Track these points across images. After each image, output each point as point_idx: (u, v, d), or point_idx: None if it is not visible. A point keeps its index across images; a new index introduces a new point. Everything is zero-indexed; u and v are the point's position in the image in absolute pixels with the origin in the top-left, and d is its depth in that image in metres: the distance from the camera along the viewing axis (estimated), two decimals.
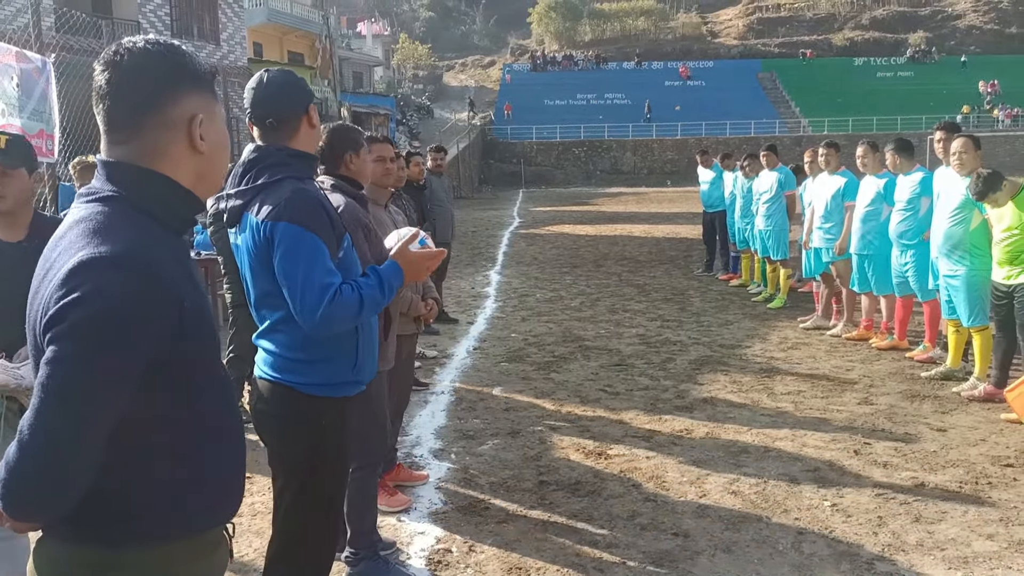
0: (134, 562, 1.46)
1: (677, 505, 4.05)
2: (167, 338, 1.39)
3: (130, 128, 1.47)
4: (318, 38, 36.62)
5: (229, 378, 1.75)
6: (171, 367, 1.43)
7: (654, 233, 18.37)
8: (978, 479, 4.31)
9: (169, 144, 1.49)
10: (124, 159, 1.48)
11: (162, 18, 24.79)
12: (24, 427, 1.33)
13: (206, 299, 1.57)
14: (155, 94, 1.47)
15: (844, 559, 3.47)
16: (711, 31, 74.52)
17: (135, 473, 1.46)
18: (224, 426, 1.60)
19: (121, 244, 1.37)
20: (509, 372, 6.70)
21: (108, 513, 1.44)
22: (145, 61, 1.47)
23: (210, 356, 1.55)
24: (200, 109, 1.52)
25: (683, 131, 45.67)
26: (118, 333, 1.33)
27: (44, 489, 1.34)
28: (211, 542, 1.60)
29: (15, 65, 6.89)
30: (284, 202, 2.36)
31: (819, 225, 7.85)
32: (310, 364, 2.52)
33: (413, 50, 71.83)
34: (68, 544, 1.46)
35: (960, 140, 5.82)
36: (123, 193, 1.45)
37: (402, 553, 3.62)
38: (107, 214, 1.43)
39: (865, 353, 7.12)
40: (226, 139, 1.61)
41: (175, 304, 1.40)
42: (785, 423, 5.27)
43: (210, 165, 1.56)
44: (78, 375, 1.32)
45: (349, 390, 2.62)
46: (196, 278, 1.55)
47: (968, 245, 5.78)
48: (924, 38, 65.64)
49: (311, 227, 2.35)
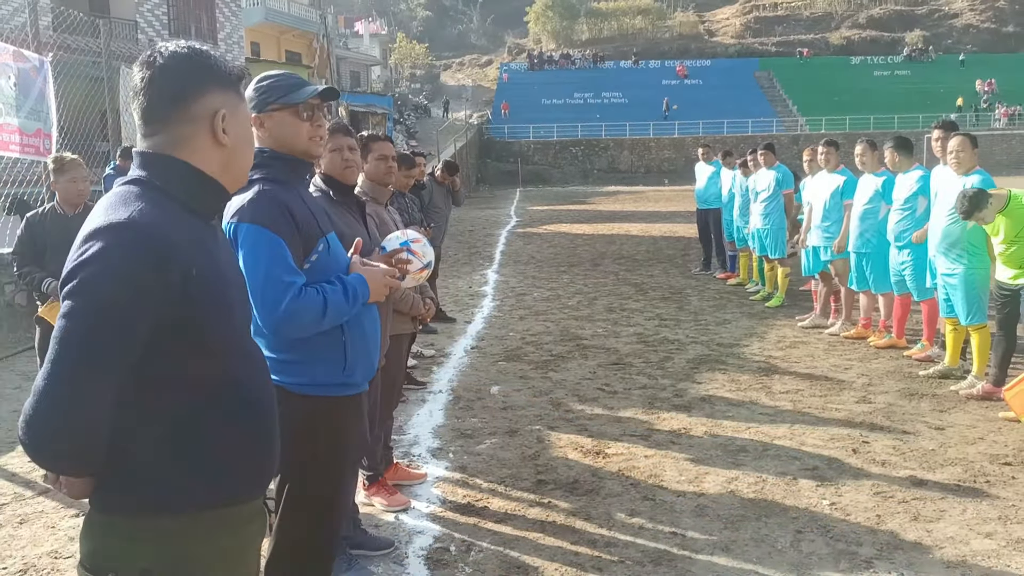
0: (161, 530, 1.55)
1: (675, 504, 4.05)
2: (172, 299, 1.50)
3: (159, 121, 1.62)
4: (315, 37, 36.55)
5: (260, 353, 1.81)
6: (184, 331, 1.54)
7: (651, 232, 18.37)
8: (976, 477, 4.31)
9: (193, 136, 1.64)
10: (153, 149, 1.63)
11: (159, 17, 24.74)
12: (39, 376, 1.46)
13: (227, 277, 1.66)
14: (181, 91, 1.62)
15: (843, 558, 3.47)
16: (708, 30, 74.61)
17: (159, 442, 1.55)
18: (251, 398, 1.68)
19: (132, 213, 1.51)
20: (507, 371, 6.69)
21: (133, 481, 1.55)
22: (174, 62, 1.62)
23: (228, 326, 1.64)
24: (223, 105, 1.66)
25: (680, 130, 45.68)
26: (120, 287, 1.45)
27: (55, 434, 1.44)
28: (242, 514, 1.67)
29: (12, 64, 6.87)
30: (247, 203, 2.37)
31: (818, 224, 7.85)
32: (298, 365, 2.50)
33: (410, 49, 71.83)
34: (101, 513, 1.57)
35: (957, 139, 5.83)
36: (149, 177, 1.61)
37: (400, 552, 3.62)
38: (129, 191, 1.58)
39: (863, 352, 7.13)
40: (251, 136, 1.77)
41: (179, 267, 1.50)
42: (783, 422, 5.27)
43: (234, 158, 1.70)
44: (86, 327, 1.44)
45: (342, 391, 2.59)
46: (216, 255, 1.65)
47: (966, 243, 5.78)
48: (921, 37, 65.77)
49: (271, 227, 2.35)
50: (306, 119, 2.51)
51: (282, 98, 2.50)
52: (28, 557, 3.59)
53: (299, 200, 2.48)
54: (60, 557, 3.57)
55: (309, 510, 2.57)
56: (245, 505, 1.68)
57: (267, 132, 2.52)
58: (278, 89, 2.51)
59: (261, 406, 1.71)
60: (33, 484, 4.43)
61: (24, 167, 8.03)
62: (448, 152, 32.56)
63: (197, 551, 1.58)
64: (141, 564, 1.53)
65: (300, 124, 2.51)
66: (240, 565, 1.70)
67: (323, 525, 2.62)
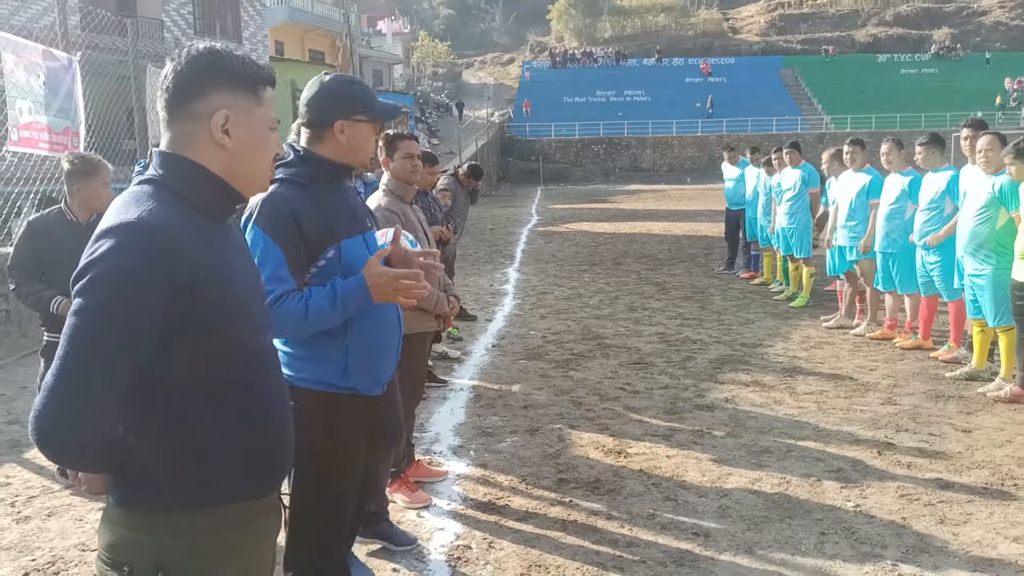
0: (175, 525, 1.58)
1: (698, 505, 4.03)
2: (180, 299, 1.51)
3: (169, 119, 1.66)
4: (339, 36, 36.75)
5: (275, 353, 1.82)
6: (194, 331, 1.55)
7: (674, 231, 18.28)
8: (1004, 480, 4.25)
9: (194, 134, 1.64)
10: (167, 148, 1.66)
11: (185, 16, 24.96)
12: (49, 372, 1.48)
13: (239, 278, 1.67)
14: (185, 89, 1.63)
15: (868, 560, 3.44)
16: (732, 27, 74.14)
17: (172, 439, 1.58)
18: (264, 397, 1.69)
19: (142, 212, 1.53)
20: (528, 369, 6.69)
21: (147, 477, 1.58)
22: (186, 62, 1.64)
23: (238, 327, 1.64)
24: (229, 106, 1.65)
25: (704, 128, 45.42)
26: (129, 284, 1.47)
27: (63, 430, 1.46)
28: (256, 510, 1.69)
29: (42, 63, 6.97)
30: (257, 205, 2.40)
31: (843, 223, 7.77)
32: (301, 360, 2.52)
33: (433, 48, 71.97)
34: (118, 508, 1.60)
35: (987, 138, 5.74)
36: (162, 176, 1.63)
37: (422, 549, 3.63)
38: (142, 191, 1.60)
39: (889, 353, 7.05)
40: (264, 141, 1.71)
41: (187, 268, 1.52)
42: (808, 423, 5.22)
43: (238, 161, 1.67)
44: (94, 324, 1.47)
45: (343, 390, 2.55)
46: (228, 256, 1.66)
47: (994, 244, 5.70)
48: (949, 34, 64.95)
49: (268, 231, 2.38)
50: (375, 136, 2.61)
51: (370, 110, 2.53)
52: (56, 549, 3.64)
53: (314, 204, 2.46)
54: (87, 550, 3.62)
55: (314, 503, 2.57)
56: (258, 501, 1.70)
57: (345, 139, 2.51)
58: (363, 102, 2.53)
59: (274, 406, 1.72)
60: (61, 478, 4.49)
61: (53, 164, 8.13)
62: (470, 151, 32.61)
63: (210, 546, 1.60)
64: (155, 558, 1.56)
65: (371, 136, 2.57)
66: (255, 559, 1.72)
67: (334, 523, 2.63)
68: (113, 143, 8.94)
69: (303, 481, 2.56)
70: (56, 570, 3.46)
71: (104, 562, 1.59)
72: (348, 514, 2.72)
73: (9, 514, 4.02)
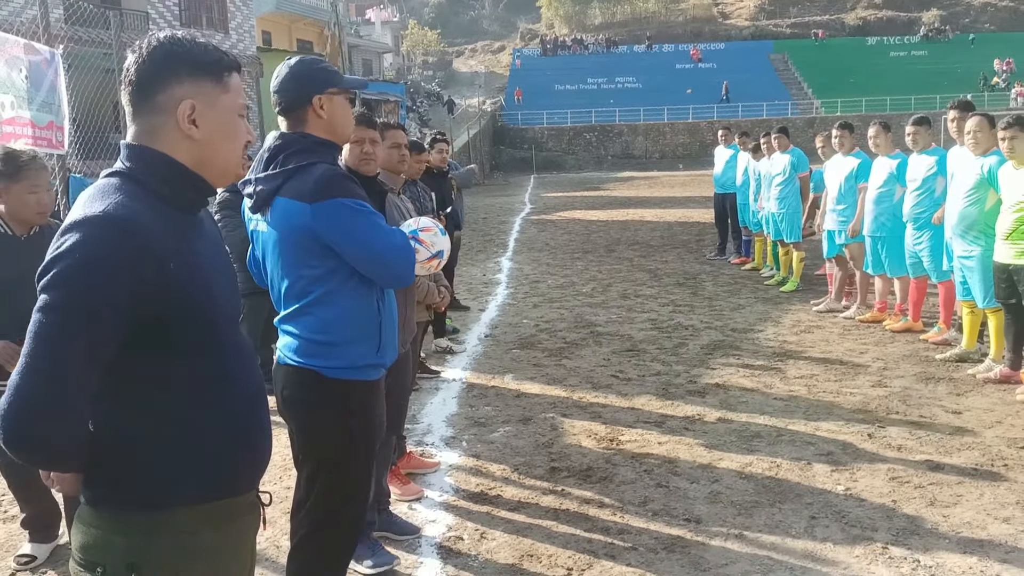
0: (149, 525, 1.56)
1: (689, 490, 4.04)
2: (148, 292, 1.48)
3: (133, 112, 1.62)
4: (327, 26, 36.51)
5: (250, 347, 1.80)
6: (163, 326, 1.53)
7: (666, 218, 18.28)
8: (994, 461, 4.27)
9: (160, 127, 1.60)
10: (133, 140, 1.62)
11: (171, 8, 24.78)
12: (15, 370, 1.45)
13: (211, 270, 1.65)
14: (147, 81, 1.59)
15: (858, 543, 3.45)
16: (722, 12, 73.93)
17: (145, 437, 1.56)
18: (240, 392, 1.67)
19: (108, 205, 1.49)
20: (520, 359, 6.69)
21: (120, 477, 1.55)
22: (146, 53, 1.59)
23: (210, 320, 1.61)
24: (193, 96, 1.60)
25: (694, 114, 45.37)
26: (95, 279, 1.44)
27: (29, 426, 1.42)
28: (233, 509, 1.66)
29: (23, 57, 6.89)
30: (326, 181, 2.40)
31: (832, 207, 7.77)
32: (335, 347, 2.54)
33: (422, 36, 71.63)
34: (90, 508, 1.58)
35: (975, 119, 5.74)
36: (129, 169, 1.59)
37: (414, 540, 3.62)
38: (108, 184, 1.57)
39: (879, 335, 7.07)
40: (233, 129, 1.67)
41: (155, 261, 1.49)
42: (798, 407, 5.24)
43: (208, 152, 1.64)
44: (59, 318, 1.43)
45: (373, 373, 2.66)
46: (198, 249, 1.63)
47: (983, 225, 5.70)
48: (938, 16, 64.88)
49: (359, 197, 2.45)
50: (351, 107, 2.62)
51: (340, 82, 2.56)
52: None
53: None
54: None
55: (344, 491, 2.64)
56: (236, 499, 1.67)
57: (325, 115, 2.54)
58: (334, 73, 2.58)
59: (250, 400, 1.70)
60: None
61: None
62: (462, 140, 32.50)
63: (185, 545, 1.58)
64: (128, 559, 1.53)
65: (349, 109, 2.60)
66: (232, 559, 1.69)
67: (354, 504, 2.69)
68: (99, 137, 8.87)
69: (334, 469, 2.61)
70: (43, 570, 3.45)
71: (78, 563, 1.57)
72: (368, 499, 2.82)
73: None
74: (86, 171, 8.77)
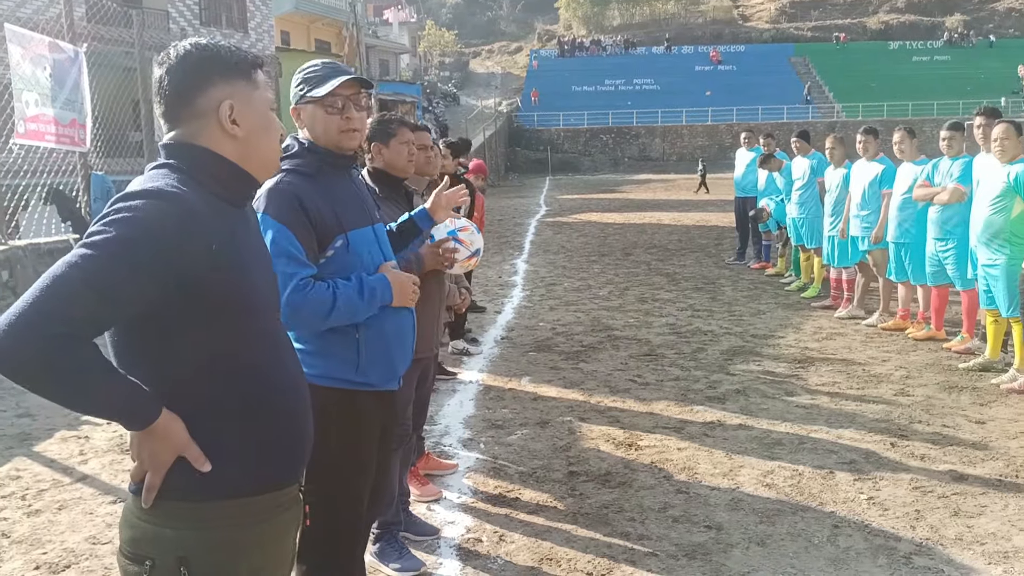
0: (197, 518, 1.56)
1: (710, 497, 4.00)
2: (186, 267, 1.50)
3: (173, 120, 1.67)
4: (345, 26, 36.62)
5: (288, 338, 1.82)
6: (209, 312, 1.55)
7: (684, 221, 18.20)
8: (1018, 472, 4.21)
9: (202, 130, 1.66)
10: (175, 140, 1.66)
11: (191, 7, 24.96)
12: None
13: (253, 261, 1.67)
14: (185, 90, 1.65)
15: (881, 553, 3.41)
16: (742, 15, 73.58)
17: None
18: (279, 383, 1.68)
19: (162, 185, 1.54)
20: (537, 361, 6.67)
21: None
22: (179, 61, 1.65)
23: (249, 309, 1.63)
24: (230, 96, 1.66)
25: (714, 117, 45.18)
26: (141, 240, 1.45)
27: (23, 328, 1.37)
28: (277, 502, 1.67)
29: (48, 55, 6.95)
30: (264, 192, 2.37)
31: (856, 213, 7.70)
32: (311, 355, 2.47)
33: (440, 37, 71.67)
34: (136, 498, 1.59)
35: (1002, 126, 5.67)
36: (176, 163, 1.63)
37: (433, 542, 3.61)
38: (159, 172, 1.61)
39: (901, 343, 6.99)
40: (268, 123, 1.74)
41: (201, 241, 1.52)
42: (820, 414, 5.19)
43: (251, 147, 1.70)
44: (99, 256, 1.43)
45: (358, 386, 2.53)
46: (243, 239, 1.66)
47: (1008, 234, 5.63)
48: (961, 21, 64.30)
49: (278, 218, 2.35)
50: (334, 112, 2.48)
51: (310, 92, 2.49)
52: (67, 543, 3.64)
53: (321, 194, 2.45)
54: (98, 543, 3.62)
55: (330, 500, 2.55)
56: (279, 492, 1.69)
57: (304, 125, 2.54)
58: (308, 82, 2.51)
59: (290, 391, 1.71)
60: (71, 470, 4.50)
61: (60, 157, 8.14)
62: (478, 141, 32.49)
63: (232, 538, 1.59)
64: (177, 552, 1.55)
65: (329, 118, 2.49)
66: (276, 553, 1.71)
67: (346, 514, 2.60)
68: (119, 135, 8.94)
69: (318, 479, 2.53)
70: (67, 563, 3.46)
71: (126, 556, 1.59)
72: (363, 512, 2.70)
73: (20, 507, 4.02)
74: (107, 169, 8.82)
